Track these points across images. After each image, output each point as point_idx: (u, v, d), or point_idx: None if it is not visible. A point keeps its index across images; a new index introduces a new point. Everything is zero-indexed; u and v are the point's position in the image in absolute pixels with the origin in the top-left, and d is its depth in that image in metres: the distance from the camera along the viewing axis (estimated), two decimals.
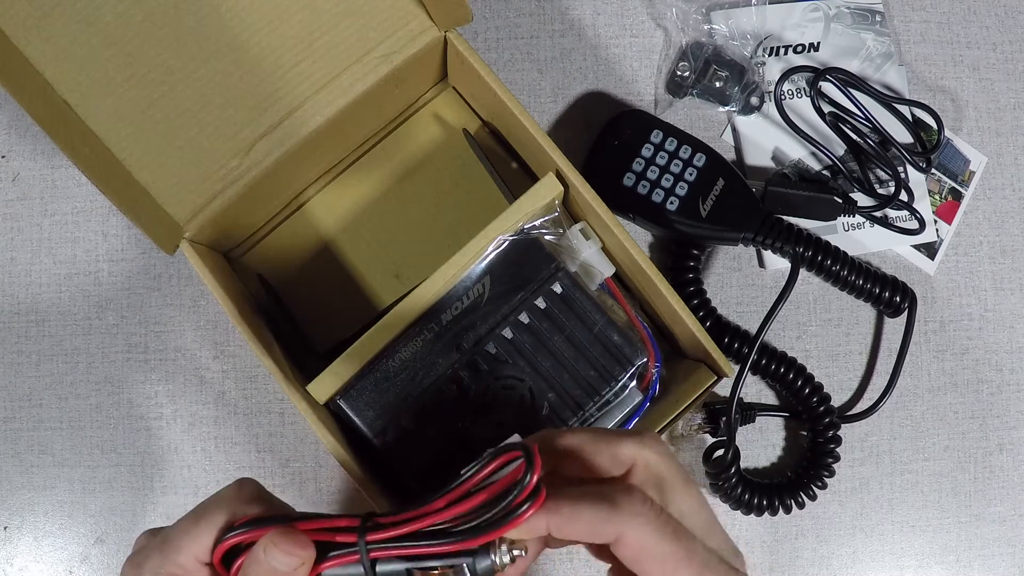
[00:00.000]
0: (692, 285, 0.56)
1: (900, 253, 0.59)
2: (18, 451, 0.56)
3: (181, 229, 0.47)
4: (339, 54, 0.48)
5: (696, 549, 0.31)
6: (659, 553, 0.30)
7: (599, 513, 0.31)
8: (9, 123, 0.58)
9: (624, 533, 0.30)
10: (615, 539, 0.31)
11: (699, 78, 0.58)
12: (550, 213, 0.48)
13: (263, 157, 0.47)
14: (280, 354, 0.48)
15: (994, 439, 0.58)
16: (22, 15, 0.43)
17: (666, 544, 0.30)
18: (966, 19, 0.61)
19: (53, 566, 0.55)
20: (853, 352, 0.58)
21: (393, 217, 0.56)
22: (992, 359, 0.59)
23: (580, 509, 0.31)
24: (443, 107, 0.57)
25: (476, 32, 0.59)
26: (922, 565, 0.57)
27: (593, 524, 0.31)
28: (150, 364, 0.57)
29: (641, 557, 0.31)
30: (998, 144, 0.60)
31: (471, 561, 0.31)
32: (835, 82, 0.57)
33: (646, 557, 0.31)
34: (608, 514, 0.31)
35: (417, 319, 0.46)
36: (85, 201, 0.58)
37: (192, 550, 0.33)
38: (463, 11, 0.46)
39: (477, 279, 0.47)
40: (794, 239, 0.55)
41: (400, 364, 0.46)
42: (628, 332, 0.47)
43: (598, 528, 0.31)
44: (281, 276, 0.55)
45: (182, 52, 0.46)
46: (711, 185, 0.55)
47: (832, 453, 0.54)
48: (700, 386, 0.49)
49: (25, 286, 0.57)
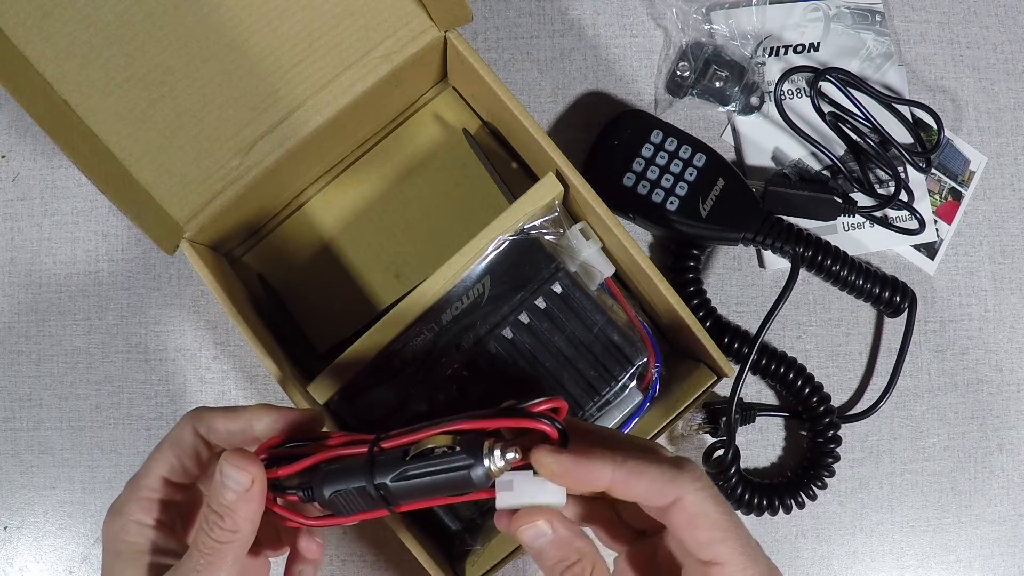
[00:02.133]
0: (692, 285, 0.56)
1: (900, 253, 0.59)
2: (18, 451, 0.56)
3: (181, 229, 0.47)
4: (339, 54, 0.48)
5: (740, 525, 0.33)
6: (714, 519, 0.32)
7: (664, 474, 0.32)
8: (9, 123, 0.58)
9: (683, 496, 0.32)
10: (673, 500, 0.32)
11: (699, 78, 0.58)
12: (550, 213, 0.48)
13: (263, 157, 0.47)
14: (280, 354, 0.48)
15: (994, 439, 0.58)
16: (22, 15, 0.43)
17: (720, 513, 0.32)
18: (966, 19, 0.61)
19: (53, 566, 0.55)
20: (853, 352, 0.58)
21: (393, 217, 0.56)
22: (992, 359, 0.59)
23: (646, 467, 0.32)
24: (443, 107, 0.57)
25: (476, 32, 0.59)
26: (922, 565, 0.57)
27: (657, 482, 0.32)
28: (150, 364, 0.57)
29: (696, 523, 0.32)
30: (998, 144, 0.60)
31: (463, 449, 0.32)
32: (835, 82, 0.57)
33: (701, 523, 0.32)
34: (672, 475, 0.32)
35: (417, 319, 0.46)
36: (85, 201, 0.58)
37: (156, 472, 0.37)
38: (463, 11, 0.46)
39: (477, 279, 0.47)
40: (794, 239, 0.55)
41: (400, 364, 0.46)
42: (628, 332, 0.47)
43: (661, 487, 0.32)
44: (281, 276, 0.55)
45: (182, 52, 0.46)
46: (711, 185, 0.55)
47: (832, 453, 0.54)
48: (700, 386, 0.49)
49: (25, 286, 0.57)
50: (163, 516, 0.37)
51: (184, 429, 0.37)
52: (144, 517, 0.36)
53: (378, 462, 0.33)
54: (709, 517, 0.32)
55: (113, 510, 0.37)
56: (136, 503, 0.36)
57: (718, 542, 0.32)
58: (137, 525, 0.36)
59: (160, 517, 0.37)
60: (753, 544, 0.33)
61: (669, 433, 0.56)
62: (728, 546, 0.32)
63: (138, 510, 0.36)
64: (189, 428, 0.37)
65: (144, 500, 0.36)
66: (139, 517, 0.36)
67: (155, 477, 0.37)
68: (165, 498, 0.37)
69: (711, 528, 0.32)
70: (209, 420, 0.37)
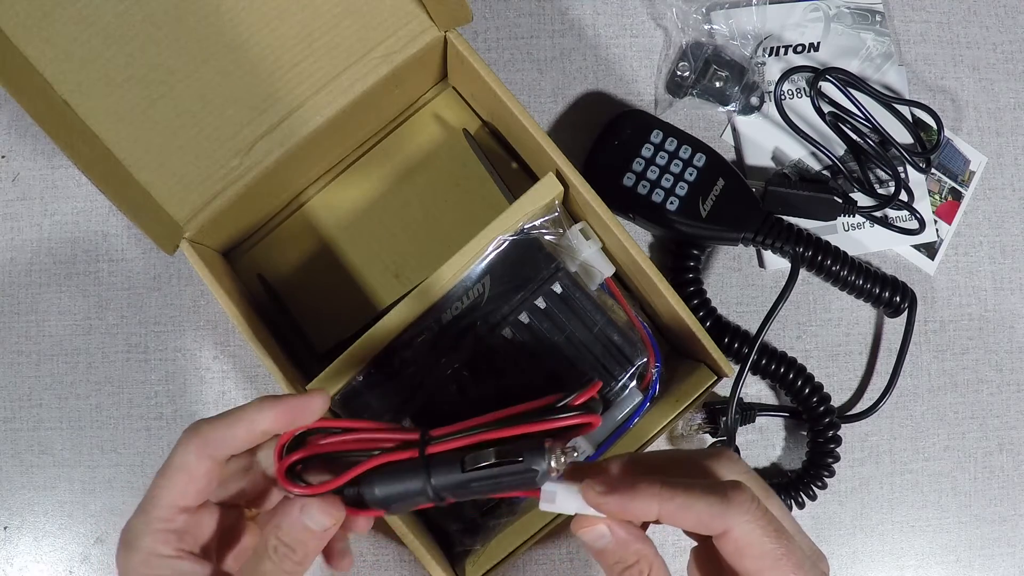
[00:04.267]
0: (692, 285, 0.56)
1: (900, 253, 0.59)
2: (18, 451, 0.56)
3: (181, 229, 0.47)
4: (339, 54, 0.48)
5: (794, 550, 0.33)
6: (761, 551, 0.32)
7: (712, 508, 0.32)
8: (9, 123, 0.58)
9: (732, 528, 0.32)
10: (722, 532, 0.32)
11: (699, 78, 0.58)
12: (550, 213, 0.48)
13: (263, 157, 0.47)
14: (280, 354, 0.48)
15: (994, 439, 0.58)
16: (22, 15, 0.43)
17: (768, 543, 0.32)
18: (966, 19, 0.61)
19: (53, 566, 0.55)
20: (853, 352, 0.58)
21: (393, 217, 0.56)
22: (992, 359, 0.59)
23: (693, 500, 0.32)
24: (443, 107, 0.57)
25: (476, 32, 0.59)
26: (922, 565, 0.57)
27: (704, 516, 0.32)
28: (150, 364, 0.57)
29: (744, 552, 0.32)
30: (998, 144, 0.60)
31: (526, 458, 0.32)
32: (835, 82, 0.57)
33: (749, 553, 0.32)
34: (720, 509, 0.32)
35: (417, 319, 0.46)
36: (85, 201, 0.58)
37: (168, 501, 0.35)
38: (463, 11, 0.46)
39: (477, 279, 0.47)
40: (794, 239, 0.55)
41: (400, 364, 0.46)
42: (628, 332, 0.47)
43: (708, 521, 0.32)
44: (281, 276, 0.55)
45: (182, 52, 0.46)
46: (711, 185, 0.55)
47: (832, 453, 0.54)
48: (700, 386, 0.49)
49: (25, 286, 0.57)
50: (185, 544, 0.35)
51: (187, 452, 0.35)
52: (163, 548, 0.35)
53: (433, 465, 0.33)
54: (757, 547, 0.32)
55: (126, 543, 0.35)
56: (152, 536, 0.35)
57: (767, 569, 0.32)
58: (159, 558, 0.35)
59: (182, 546, 0.35)
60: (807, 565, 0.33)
61: (669, 433, 0.56)
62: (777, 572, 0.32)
63: (155, 542, 0.35)
64: (192, 449, 0.35)
65: (160, 532, 0.35)
66: (158, 549, 0.35)
67: (167, 507, 0.35)
68: (181, 526, 0.35)
69: (759, 558, 0.32)
70: (208, 435, 0.35)
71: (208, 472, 0.35)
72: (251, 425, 0.35)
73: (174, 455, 0.35)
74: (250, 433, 0.35)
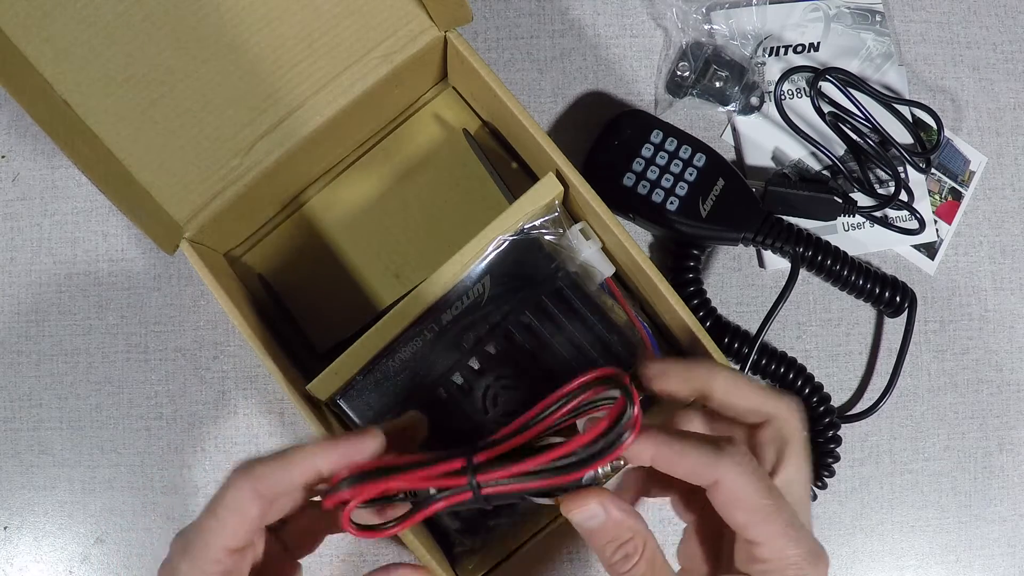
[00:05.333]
0: (692, 285, 0.56)
1: (900, 253, 0.59)
2: (18, 451, 0.56)
3: (181, 229, 0.47)
4: (339, 54, 0.48)
5: (784, 507, 0.33)
6: (750, 504, 0.33)
7: (704, 456, 0.33)
8: (9, 123, 0.58)
9: (722, 479, 0.33)
10: (713, 482, 0.33)
11: (699, 78, 0.58)
12: (550, 213, 0.48)
13: (263, 157, 0.47)
14: (280, 354, 0.48)
15: (994, 439, 0.58)
16: (22, 15, 0.43)
17: (758, 497, 0.33)
18: (966, 19, 0.61)
19: (53, 566, 0.55)
20: (853, 352, 0.58)
21: (393, 217, 0.56)
22: (992, 359, 0.59)
23: (687, 448, 0.33)
24: (443, 107, 0.57)
25: (476, 32, 0.59)
26: (922, 565, 0.57)
27: (696, 464, 0.33)
28: (150, 364, 0.57)
29: (733, 504, 0.33)
30: (998, 144, 0.60)
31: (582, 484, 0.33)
32: (835, 82, 0.57)
33: (737, 505, 0.33)
34: (712, 458, 0.33)
35: (417, 319, 0.46)
36: (85, 201, 0.58)
37: (219, 543, 0.33)
38: (463, 11, 0.46)
39: (477, 279, 0.47)
40: (794, 239, 0.55)
41: (400, 364, 0.46)
42: (628, 332, 0.47)
43: (700, 470, 0.33)
44: (281, 276, 0.55)
45: (182, 52, 0.46)
46: (711, 185, 0.55)
47: (832, 453, 0.54)
48: None
49: (25, 286, 0.57)
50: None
51: (239, 493, 0.33)
52: None
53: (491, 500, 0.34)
54: (748, 499, 0.33)
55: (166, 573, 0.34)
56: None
57: (758, 523, 0.33)
58: None
59: None
60: (797, 524, 0.33)
61: None
62: (767, 527, 0.33)
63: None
64: (245, 491, 0.33)
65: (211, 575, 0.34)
66: None
67: (218, 549, 0.33)
68: (230, 567, 0.34)
69: (750, 510, 0.33)
70: (263, 476, 0.33)
71: (261, 514, 0.34)
72: (309, 467, 0.34)
73: (225, 495, 0.33)
74: (306, 475, 0.34)
